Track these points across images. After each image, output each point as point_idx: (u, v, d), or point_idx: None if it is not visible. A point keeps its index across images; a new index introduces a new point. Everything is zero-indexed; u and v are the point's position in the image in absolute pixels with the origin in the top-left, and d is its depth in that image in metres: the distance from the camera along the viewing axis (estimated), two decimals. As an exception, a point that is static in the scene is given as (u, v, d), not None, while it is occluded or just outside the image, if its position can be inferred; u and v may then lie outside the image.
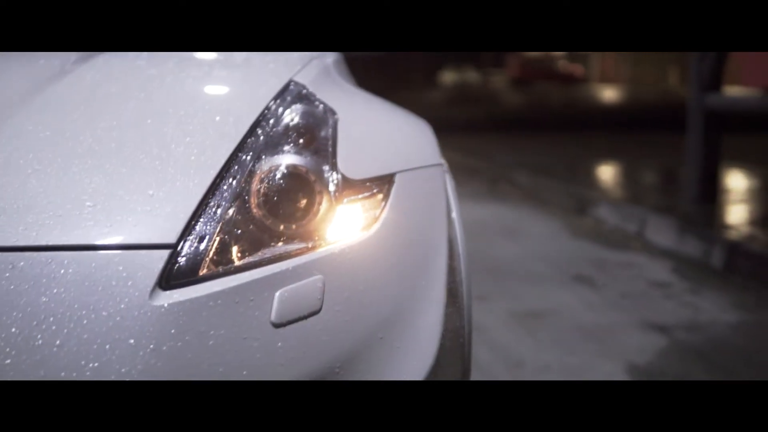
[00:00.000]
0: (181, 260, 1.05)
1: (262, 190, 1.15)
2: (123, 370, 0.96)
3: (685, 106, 4.79)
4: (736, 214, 4.42)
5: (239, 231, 1.11)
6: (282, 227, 1.14)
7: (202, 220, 1.09)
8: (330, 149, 1.23)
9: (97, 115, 1.23)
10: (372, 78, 6.14)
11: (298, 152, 1.21)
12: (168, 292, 1.02)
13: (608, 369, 2.50)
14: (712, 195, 4.65)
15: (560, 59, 35.38)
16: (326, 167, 1.20)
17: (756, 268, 3.45)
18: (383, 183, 1.26)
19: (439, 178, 1.39)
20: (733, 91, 4.78)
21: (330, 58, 1.75)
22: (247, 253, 1.10)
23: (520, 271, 3.71)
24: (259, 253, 1.11)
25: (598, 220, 4.95)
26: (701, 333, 2.85)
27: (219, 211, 1.11)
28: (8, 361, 0.95)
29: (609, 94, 25.72)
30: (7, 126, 1.18)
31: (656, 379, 2.42)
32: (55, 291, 0.99)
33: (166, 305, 1.01)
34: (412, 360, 1.16)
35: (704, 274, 3.65)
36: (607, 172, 6.64)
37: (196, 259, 1.06)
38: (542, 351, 2.66)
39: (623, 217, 4.67)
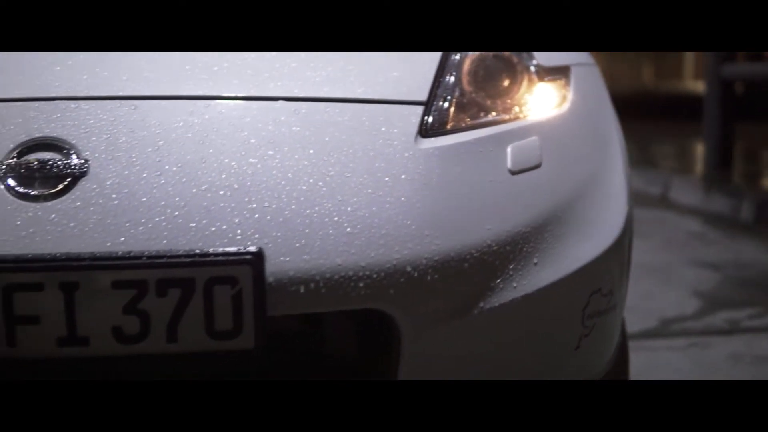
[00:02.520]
0: (432, 115, 1.21)
1: (478, 68, 1.31)
2: (403, 198, 1.11)
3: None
4: (756, 175, 4.66)
5: (471, 96, 1.27)
6: (497, 98, 1.30)
7: (440, 87, 1.25)
8: None
9: None
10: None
11: (499, 39, 1.37)
12: (428, 139, 1.18)
13: (675, 295, 2.69)
14: (728, 160, 4.87)
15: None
16: (524, 53, 1.36)
17: (788, 218, 3.67)
18: (564, 71, 1.42)
19: (599, 75, 1.56)
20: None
21: None
22: (479, 114, 1.26)
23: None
24: (487, 117, 1.26)
25: (618, 185, 5.15)
26: (749, 269, 3.05)
27: (451, 80, 1.26)
28: (305, 187, 1.09)
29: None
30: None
31: (722, 302, 2.61)
32: (336, 134, 1.14)
33: (429, 148, 1.16)
34: (611, 213, 1.32)
35: (736, 226, 3.86)
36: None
37: (442, 115, 1.22)
38: (610, 282, 2.84)
39: (645, 181, 4.88)
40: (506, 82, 1.33)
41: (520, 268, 1.17)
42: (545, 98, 1.35)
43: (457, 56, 1.30)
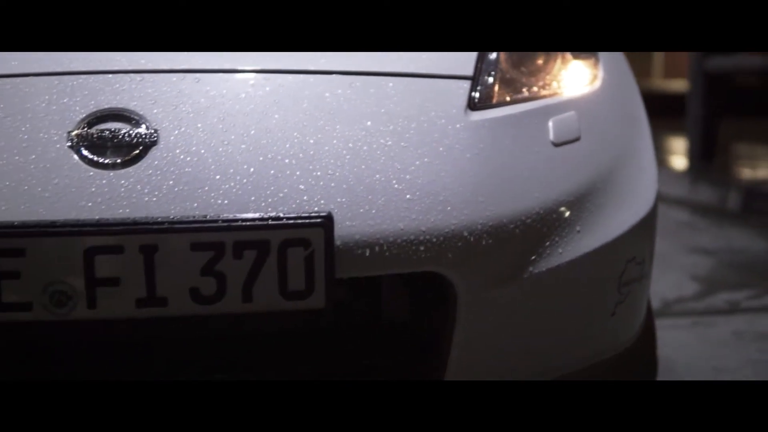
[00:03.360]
0: (479, 89, 1.26)
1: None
2: (458, 167, 1.16)
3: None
4: (739, 167, 4.77)
5: (512, 72, 1.32)
6: (535, 75, 1.36)
7: (483, 63, 1.30)
8: None
9: None
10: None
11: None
12: (476, 112, 1.23)
13: (674, 279, 2.77)
14: (711, 152, 4.98)
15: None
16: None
17: (775, 206, 3.79)
18: (593, 51, 1.48)
19: (624, 57, 1.62)
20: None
21: None
22: (521, 90, 1.32)
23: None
24: (529, 92, 1.32)
25: (604, 177, 5.25)
26: (742, 254, 3.15)
27: (493, 56, 1.32)
28: (365, 156, 1.14)
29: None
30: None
31: (720, 284, 2.70)
32: (391, 106, 1.19)
33: (479, 120, 1.22)
34: (644, 185, 1.39)
35: (723, 215, 3.96)
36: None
37: (488, 89, 1.27)
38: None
39: (631, 173, 4.97)
40: (541, 60, 1.39)
41: (564, 235, 1.23)
42: (579, 76, 1.41)
43: None
